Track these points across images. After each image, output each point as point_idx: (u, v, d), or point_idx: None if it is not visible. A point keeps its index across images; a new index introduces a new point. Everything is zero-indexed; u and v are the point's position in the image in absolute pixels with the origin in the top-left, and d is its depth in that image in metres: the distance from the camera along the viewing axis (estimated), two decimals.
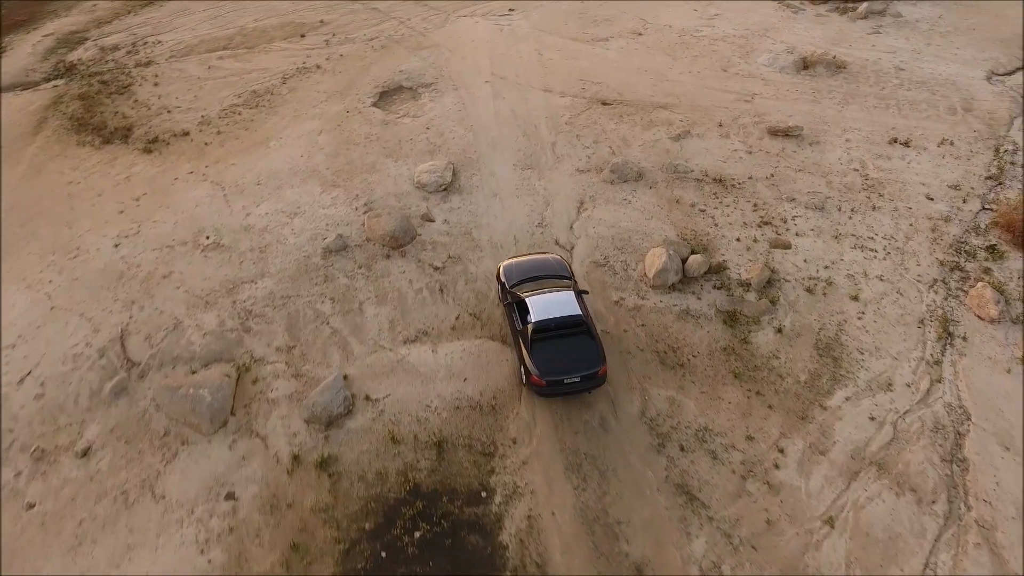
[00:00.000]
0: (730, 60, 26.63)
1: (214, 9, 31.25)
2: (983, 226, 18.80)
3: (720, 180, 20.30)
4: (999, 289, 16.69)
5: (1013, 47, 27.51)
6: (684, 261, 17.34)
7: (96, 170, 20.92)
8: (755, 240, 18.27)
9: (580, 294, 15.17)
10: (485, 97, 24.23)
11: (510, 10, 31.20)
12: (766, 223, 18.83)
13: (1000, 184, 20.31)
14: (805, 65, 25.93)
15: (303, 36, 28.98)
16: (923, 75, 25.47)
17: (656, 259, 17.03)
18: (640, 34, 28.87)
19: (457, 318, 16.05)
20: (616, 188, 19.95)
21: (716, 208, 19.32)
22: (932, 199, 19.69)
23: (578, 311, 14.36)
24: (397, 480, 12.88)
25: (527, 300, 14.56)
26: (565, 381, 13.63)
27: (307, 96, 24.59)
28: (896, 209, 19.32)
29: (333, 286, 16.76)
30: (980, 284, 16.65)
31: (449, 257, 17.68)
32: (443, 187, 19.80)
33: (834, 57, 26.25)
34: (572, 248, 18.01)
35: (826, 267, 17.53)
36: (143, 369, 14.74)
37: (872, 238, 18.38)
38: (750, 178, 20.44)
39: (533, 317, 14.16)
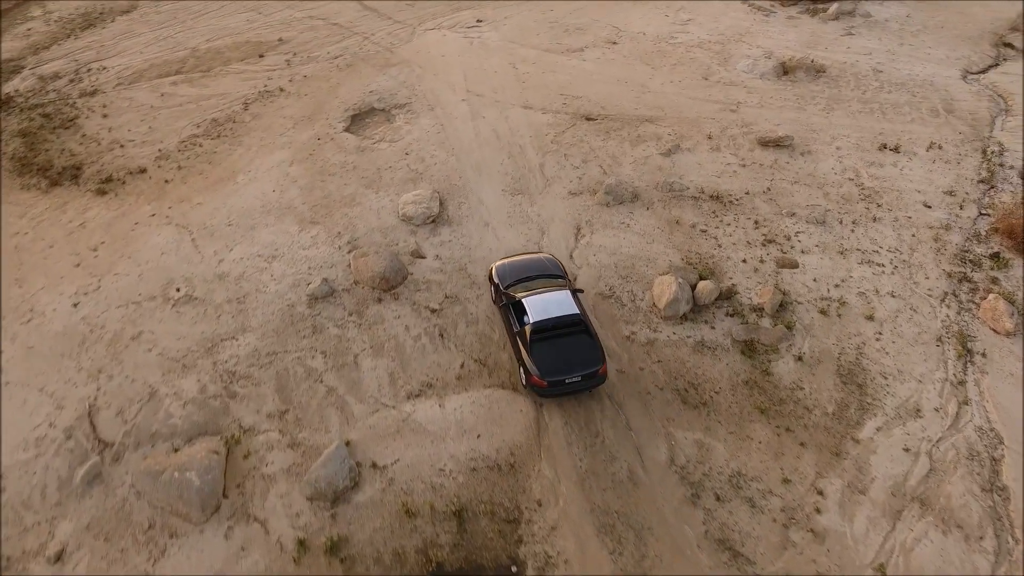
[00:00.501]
0: (710, 68, 26.08)
1: (162, 30, 29.25)
2: (983, 233, 18.59)
3: (717, 197, 19.64)
4: (1010, 300, 16.41)
5: (982, 44, 27.73)
6: (693, 288, 16.59)
7: (45, 217, 19.03)
8: (761, 260, 17.64)
9: (575, 292, 15.13)
10: (463, 117, 23.09)
11: (478, 21, 30.09)
12: (770, 241, 18.23)
13: (992, 188, 20.19)
14: (785, 71, 25.57)
15: (262, 56, 27.31)
16: (901, 76, 25.39)
17: (665, 289, 16.22)
18: (615, 43, 28.12)
19: (462, 366, 14.92)
20: (613, 211, 19.08)
21: (717, 227, 18.64)
22: (930, 207, 19.42)
23: (576, 310, 14.38)
24: (417, 560, 11.71)
25: (524, 301, 14.50)
26: (566, 381, 13.64)
27: (273, 123, 23.02)
28: (896, 219, 18.97)
29: (323, 338, 15.43)
30: (992, 296, 16.34)
31: (446, 297, 16.52)
32: (431, 219, 18.61)
33: (812, 61, 25.96)
34: (575, 279, 17.06)
35: (836, 286, 17.00)
36: (118, 450, 13.17)
37: (877, 251, 17.96)
38: (747, 193, 19.84)
39: (531, 318, 14.15)
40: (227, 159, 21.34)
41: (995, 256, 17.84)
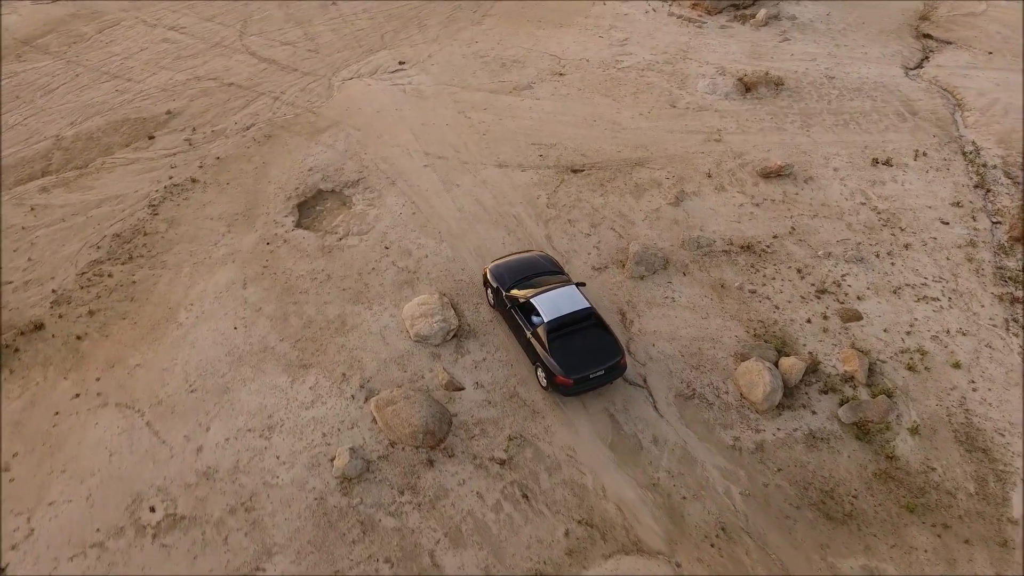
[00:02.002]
0: (672, 93, 24.43)
1: (4, 116, 23.00)
2: (1004, 243, 18.30)
3: (748, 247, 17.91)
4: None
5: (905, 38, 28.30)
6: (775, 364, 14.70)
7: None
8: (824, 317, 16.09)
9: (578, 286, 15.13)
10: (435, 189, 19.72)
11: (400, 64, 26.51)
12: (822, 291, 16.74)
13: (989, 191, 20.08)
14: (747, 87, 24.47)
15: (152, 138, 22.13)
16: (853, 81, 25.13)
17: (756, 378, 14.15)
18: (562, 74, 25.74)
19: (567, 534, 11.98)
20: (650, 285, 16.76)
21: (764, 284, 16.89)
22: (947, 223, 18.89)
23: (587, 303, 14.45)
24: None
25: (534, 301, 14.38)
26: (591, 376, 13.64)
27: (199, 229, 18.39)
28: (924, 243, 18.21)
29: (379, 537, 11.82)
30: None
31: (510, 439, 13.41)
32: (451, 333, 15.28)
33: (766, 73, 25.08)
34: (645, 380, 14.57)
35: (907, 333, 15.81)
36: None
37: (926, 284, 17.04)
38: (775, 237, 18.29)
39: (545, 317, 14.09)
40: (154, 291, 16.60)
41: None
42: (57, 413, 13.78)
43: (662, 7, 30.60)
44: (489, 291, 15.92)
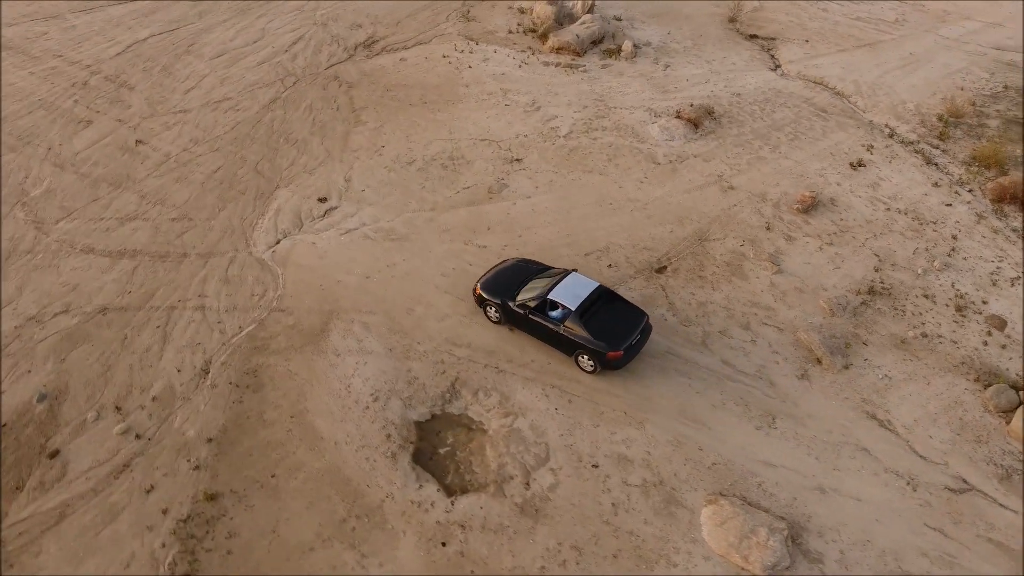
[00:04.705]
0: (641, 149, 22.87)
1: None
2: (993, 209, 21.03)
3: (871, 291, 17.64)
4: None
5: (739, 41, 30.85)
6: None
7: None
8: (988, 333, 16.60)
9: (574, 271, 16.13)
10: (545, 353, 15.25)
11: (321, 200, 20.18)
12: (960, 309, 17.26)
13: (937, 165, 22.92)
14: (695, 125, 24.12)
15: (54, 455, 13.11)
16: (755, 94, 26.51)
17: None
18: (518, 159, 22.26)
19: None
20: (860, 372, 15.33)
21: (923, 324, 16.76)
22: (949, 204, 21.05)
23: (596, 283, 15.53)
24: None
25: (552, 297, 15.09)
26: (633, 343, 14.77)
27: None
28: (959, 231, 19.99)
29: None
30: None
31: None
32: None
33: (691, 105, 25.07)
34: None
35: None
36: None
37: (1000, 268, 18.71)
38: (877, 271, 18.30)
39: (571, 306, 14.87)
40: None
41: None
42: None
43: (529, 57, 28.60)
44: (490, 309, 15.99)
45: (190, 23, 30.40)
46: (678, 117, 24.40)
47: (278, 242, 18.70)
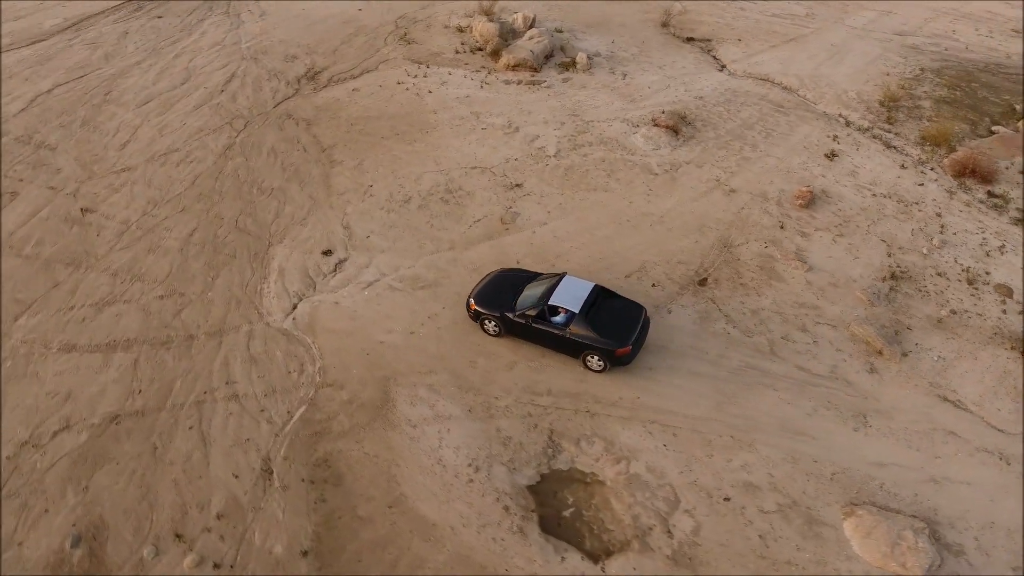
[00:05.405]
0: (635, 161, 22.76)
1: None
2: (957, 184, 22.83)
3: (894, 276, 18.51)
4: None
5: (680, 45, 31.70)
6: None
7: None
8: (1003, 302, 17.87)
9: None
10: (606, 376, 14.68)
11: (327, 254, 18.37)
12: (971, 282, 18.46)
13: (895, 148, 24.62)
14: (675, 131, 24.37)
15: None
16: (715, 96, 27.26)
17: None
18: (519, 185, 21.43)
19: None
20: (919, 358, 15.93)
21: (959, 301, 17.75)
22: (922, 184, 22.61)
23: (592, 283, 15.78)
24: None
25: (553, 303, 15.18)
26: (638, 337, 15.09)
27: None
28: (940, 211, 21.46)
29: None
30: None
31: None
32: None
33: (663, 112, 25.39)
34: None
35: None
36: None
37: (986, 240, 20.27)
38: (890, 255, 19.24)
39: (575, 309, 15.07)
40: None
41: (991, 195, 22.32)
42: None
43: (487, 77, 27.79)
44: (488, 323, 15.87)
45: (97, 68, 27.01)
46: (656, 125, 24.59)
47: (295, 307, 16.78)
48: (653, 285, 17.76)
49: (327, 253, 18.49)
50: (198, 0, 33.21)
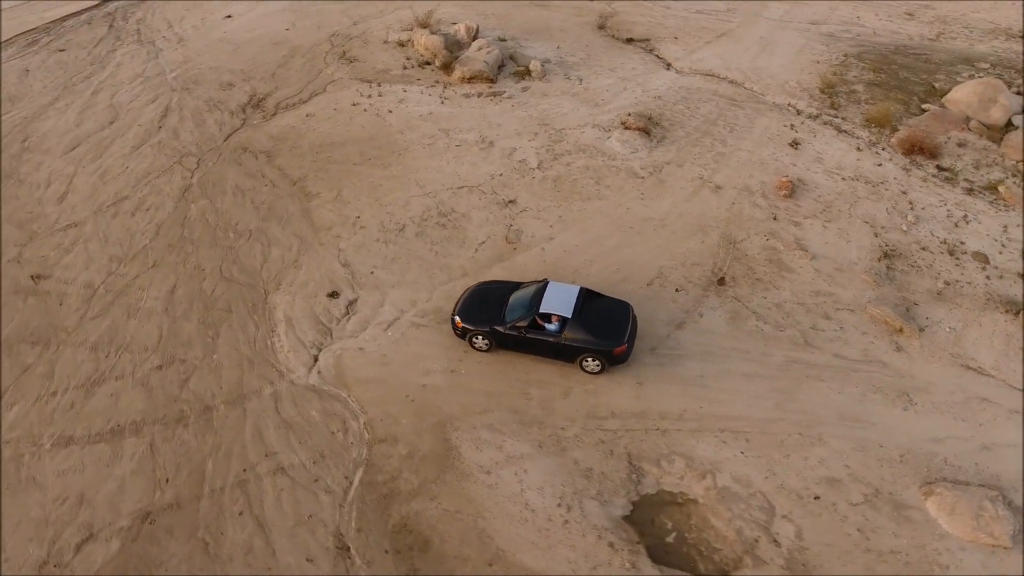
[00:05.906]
0: (618, 166, 22.70)
1: None
2: (911, 163, 24.43)
3: (887, 255, 19.47)
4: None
5: (624, 47, 32.13)
6: None
7: None
8: (1000, 276, 19.16)
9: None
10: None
11: (333, 296, 17.01)
12: (952, 252, 19.72)
13: (855, 135, 26.02)
14: (646, 133, 24.55)
15: None
16: (671, 95, 27.70)
17: None
18: (512, 201, 20.80)
19: None
20: (936, 331, 16.79)
21: (948, 272, 18.87)
22: (880, 165, 24.03)
23: (578, 287, 15.76)
24: None
25: (544, 311, 15.04)
26: (630, 334, 15.20)
27: None
28: (905, 188, 22.87)
29: None
30: None
31: None
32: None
33: (629, 115, 25.56)
34: None
35: None
36: None
37: (956, 211, 21.77)
38: (876, 235, 20.22)
39: (567, 314, 15.00)
40: None
41: (941, 169, 24.06)
42: None
43: (444, 91, 26.92)
44: (477, 339, 15.57)
45: (4, 113, 23.82)
46: (627, 128, 24.72)
47: (316, 359, 15.39)
48: (677, 290, 17.74)
49: (333, 295, 17.14)
50: (100, 29, 30.15)
